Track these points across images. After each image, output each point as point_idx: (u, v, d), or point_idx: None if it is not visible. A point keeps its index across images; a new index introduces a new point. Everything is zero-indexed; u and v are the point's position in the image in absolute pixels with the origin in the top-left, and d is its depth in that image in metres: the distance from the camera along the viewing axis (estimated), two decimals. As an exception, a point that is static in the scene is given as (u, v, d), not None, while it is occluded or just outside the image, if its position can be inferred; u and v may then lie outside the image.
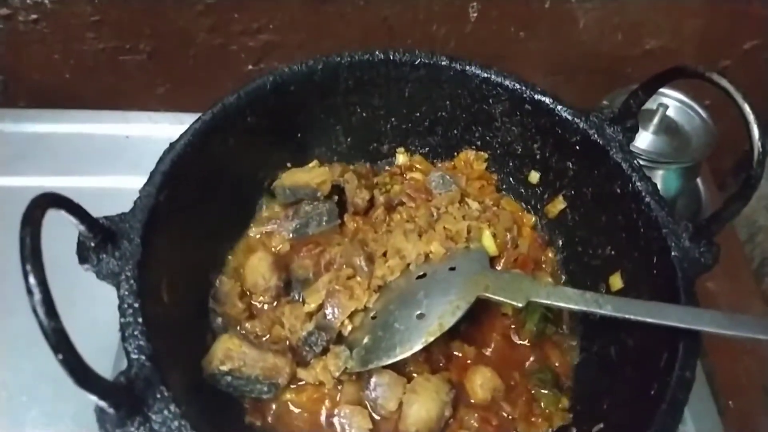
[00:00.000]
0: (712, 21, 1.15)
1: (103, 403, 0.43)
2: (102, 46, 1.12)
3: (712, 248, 0.60)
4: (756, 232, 1.50)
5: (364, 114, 0.76)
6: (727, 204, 0.58)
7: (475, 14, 1.12)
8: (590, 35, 1.17)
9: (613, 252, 0.67)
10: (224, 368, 0.58)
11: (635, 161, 0.65)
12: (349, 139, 0.77)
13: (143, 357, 0.48)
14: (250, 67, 1.17)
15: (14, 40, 1.06)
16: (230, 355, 0.58)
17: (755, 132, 0.55)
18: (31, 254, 0.39)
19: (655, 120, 1.02)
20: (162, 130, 0.97)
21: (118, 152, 0.95)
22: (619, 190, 0.65)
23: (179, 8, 1.03)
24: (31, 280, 0.39)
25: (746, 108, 0.55)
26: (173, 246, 0.58)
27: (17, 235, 0.80)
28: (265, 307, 0.67)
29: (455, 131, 0.78)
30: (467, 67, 0.71)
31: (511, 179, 0.79)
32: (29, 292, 0.39)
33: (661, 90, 1.11)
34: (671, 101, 1.08)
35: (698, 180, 1.15)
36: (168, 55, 1.15)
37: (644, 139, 1.03)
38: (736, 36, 1.16)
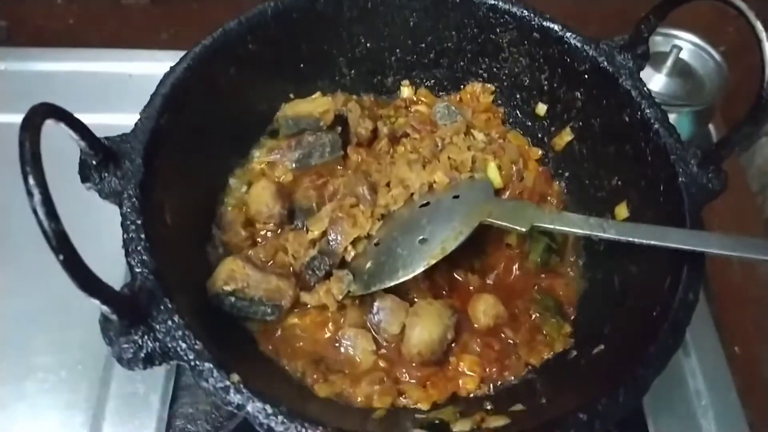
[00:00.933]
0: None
1: (106, 309, 0.43)
2: None
3: (720, 174, 0.59)
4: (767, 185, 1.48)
5: (368, 45, 0.74)
6: (736, 128, 0.57)
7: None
8: (603, -27, 1.14)
9: (619, 182, 0.67)
10: (228, 288, 0.58)
11: (645, 88, 0.63)
12: (352, 72, 0.76)
13: (146, 271, 0.49)
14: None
15: None
16: (234, 276, 0.58)
17: (767, 50, 0.53)
18: (31, 157, 0.39)
19: (669, 62, 1.00)
20: (165, 68, 0.96)
21: (121, 90, 0.94)
22: (627, 119, 0.64)
23: None
24: (31, 181, 0.38)
25: (758, 26, 0.54)
26: (175, 169, 0.58)
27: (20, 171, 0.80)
28: (269, 234, 0.67)
29: (461, 63, 0.76)
30: (474, -6, 0.69)
31: (517, 112, 0.77)
32: (29, 193, 0.38)
33: (675, 32, 1.09)
34: (685, 44, 1.06)
35: (710, 127, 1.13)
36: None
37: (657, 81, 1.01)
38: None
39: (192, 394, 0.69)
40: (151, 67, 0.97)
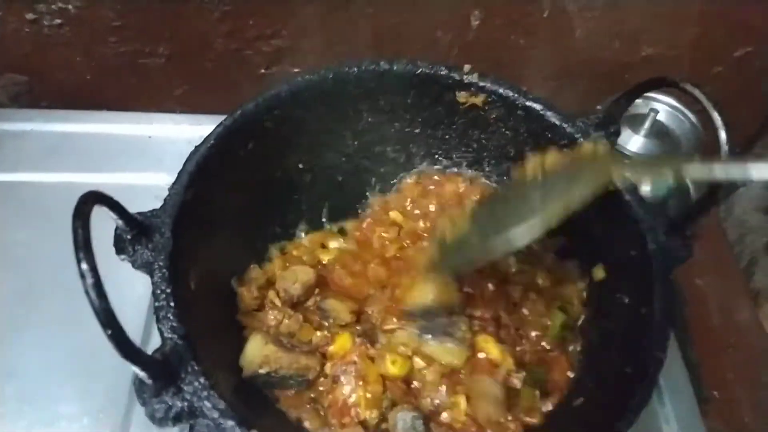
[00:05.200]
0: (706, 29, 1.20)
1: (143, 374, 0.49)
2: (123, 50, 1.16)
3: (687, 242, 0.66)
4: (746, 232, 1.54)
5: (370, 119, 0.82)
6: (699, 202, 0.64)
7: (477, 22, 1.17)
8: (589, 43, 1.21)
9: (595, 247, 0.74)
10: (263, 371, 0.67)
11: (618, 163, 0.71)
12: (356, 143, 0.84)
13: (176, 336, 0.55)
14: (262, 71, 1.22)
15: (39, 43, 1.12)
16: (268, 361, 0.67)
17: (723, 136, 0.61)
18: (83, 243, 0.45)
19: (646, 124, 1.08)
20: (183, 131, 1.04)
21: (141, 151, 1.02)
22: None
23: (199, 14, 1.09)
24: (84, 266, 0.45)
25: (714, 115, 0.61)
26: (200, 238, 0.65)
27: (48, 227, 0.89)
28: (277, 303, 0.74)
29: (453, 134, 0.84)
30: (465, 77, 0.77)
31: (505, 178, 0.85)
32: (82, 276, 0.45)
33: (653, 95, 1.18)
34: (662, 106, 1.15)
35: (688, 181, 1.21)
36: (186, 58, 1.20)
37: (636, 142, 1.09)
38: (728, 44, 1.21)
39: (204, 444, 0.75)
40: (169, 129, 1.05)
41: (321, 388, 0.69)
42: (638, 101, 1.18)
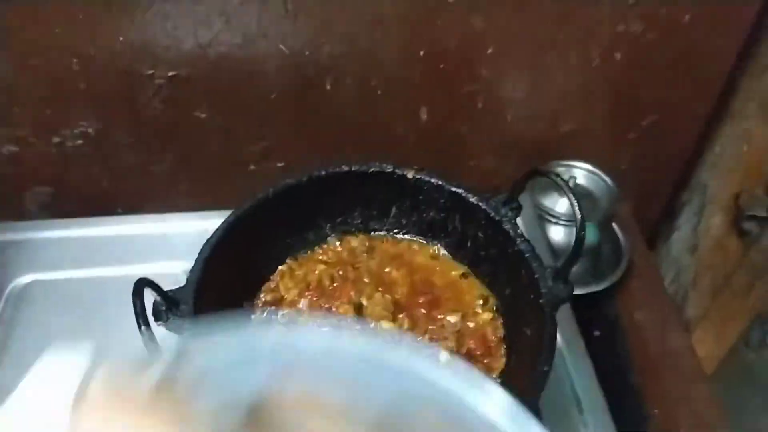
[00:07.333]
0: (615, 104, 1.48)
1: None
2: (134, 161, 1.41)
3: (568, 285, 0.89)
4: (679, 271, 1.79)
5: (338, 208, 1.08)
6: (569, 257, 0.89)
7: (425, 116, 1.45)
8: (518, 125, 1.49)
9: (509, 292, 0.98)
10: None
11: (518, 230, 0.95)
12: (329, 226, 1.09)
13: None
14: (252, 167, 1.47)
15: (62, 160, 1.36)
16: None
17: (577, 211, 0.86)
18: (141, 310, 0.70)
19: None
20: (193, 226, 1.23)
21: (158, 246, 1.24)
22: (510, 250, 0.95)
23: (198, 127, 1.36)
24: (142, 325, 0.69)
25: (570, 197, 0.87)
26: (217, 298, 0.89)
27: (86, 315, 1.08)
28: None
29: (403, 212, 1.09)
30: (405, 172, 1.03)
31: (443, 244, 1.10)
32: (141, 332, 0.69)
33: (574, 163, 1.45)
34: (581, 171, 1.42)
35: (618, 231, 1.47)
36: (189, 161, 1.46)
37: (562, 204, 1.35)
38: (636, 114, 1.49)
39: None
40: (181, 226, 1.26)
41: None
42: (561, 169, 1.47)
